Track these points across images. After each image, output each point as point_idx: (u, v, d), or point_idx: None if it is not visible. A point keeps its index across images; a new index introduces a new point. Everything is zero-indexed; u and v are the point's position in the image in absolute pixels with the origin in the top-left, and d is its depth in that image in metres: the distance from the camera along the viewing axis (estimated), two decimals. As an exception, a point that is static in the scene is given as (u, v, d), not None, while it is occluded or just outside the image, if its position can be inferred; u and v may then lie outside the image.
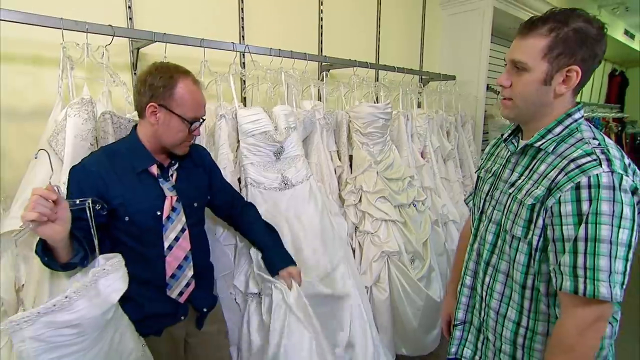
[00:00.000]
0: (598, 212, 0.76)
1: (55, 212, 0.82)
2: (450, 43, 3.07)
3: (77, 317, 0.80)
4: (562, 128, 0.89)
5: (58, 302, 0.77)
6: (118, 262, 0.93)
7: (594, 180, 0.77)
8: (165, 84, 1.03)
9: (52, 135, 1.14)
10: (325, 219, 1.53)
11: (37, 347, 0.76)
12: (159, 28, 1.43)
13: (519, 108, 0.93)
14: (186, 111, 1.06)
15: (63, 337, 0.79)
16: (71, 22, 1.18)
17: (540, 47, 0.85)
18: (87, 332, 0.83)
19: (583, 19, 0.83)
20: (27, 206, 0.78)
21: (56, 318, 0.77)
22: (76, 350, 0.82)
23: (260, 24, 1.97)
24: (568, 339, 0.81)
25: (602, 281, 0.75)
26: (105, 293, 0.87)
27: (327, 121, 1.86)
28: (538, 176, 0.88)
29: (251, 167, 1.49)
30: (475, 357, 1.07)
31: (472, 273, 1.08)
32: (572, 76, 0.85)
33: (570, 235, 0.79)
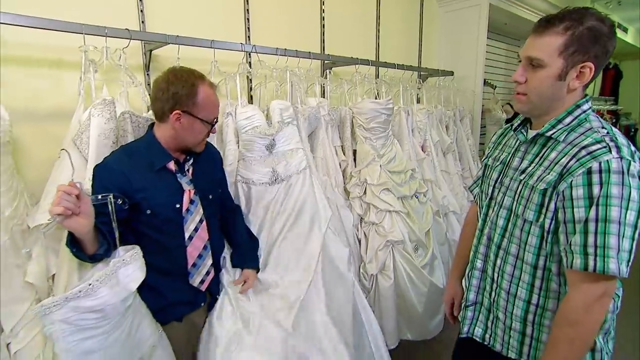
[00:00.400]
0: (608, 194, 0.82)
1: (78, 207, 0.88)
2: (447, 39, 3.14)
3: (100, 303, 0.87)
4: (571, 118, 0.94)
5: (83, 289, 0.85)
6: (136, 253, 1.00)
7: (605, 165, 0.83)
8: (188, 92, 1.10)
9: (77, 134, 1.21)
10: (305, 213, 1.56)
11: (65, 329, 0.83)
12: (168, 30, 1.49)
13: (532, 103, 0.98)
14: (208, 115, 1.14)
15: (87, 321, 0.86)
16: (92, 27, 1.25)
17: (557, 44, 0.90)
18: (108, 316, 0.90)
19: (596, 18, 0.89)
20: (53, 201, 0.85)
21: (81, 303, 0.84)
22: (99, 333, 0.89)
23: (265, 24, 2.03)
24: (575, 313, 0.86)
25: (612, 257, 0.81)
26: (124, 282, 0.94)
27: (331, 117, 1.93)
28: (549, 163, 0.93)
29: (242, 164, 1.56)
30: (486, 335, 1.12)
31: (483, 257, 1.13)
32: (586, 72, 0.91)
33: (581, 217, 0.84)
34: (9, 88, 1.34)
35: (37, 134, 1.41)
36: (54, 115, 1.44)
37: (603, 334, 0.97)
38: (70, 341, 0.84)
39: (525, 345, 1.03)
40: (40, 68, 1.41)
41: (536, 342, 1.01)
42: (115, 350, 0.92)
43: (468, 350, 1.20)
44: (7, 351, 1.07)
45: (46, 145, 1.39)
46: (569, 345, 0.88)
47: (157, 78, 1.15)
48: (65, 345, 0.84)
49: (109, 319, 0.90)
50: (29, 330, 1.10)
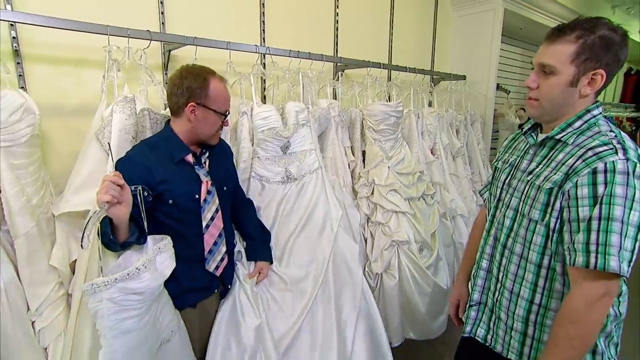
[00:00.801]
0: (612, 194, 0.84)
1: (121, 195, 0.95)
2: (461, 43, 3.15)
3: (142, 286, 0.95)
4: (581, 122, 0.97)
5: (130, 272, 0.93)
6: (169, 242, 1.08)
7: (610, 165, 0.85)
8: (201, 85, 1.18)
9: (100, 129, 1.29)
10: (318, 212, 1.62)
11: (110, 307, 0.90)
12: (187, 31, 1.57)
13: (544, 108, 1.01)
14: (220, 106, 1.22)
15: (129, 302, 0.93)
16: (115, 29, 1.32)
17: (569, 52, 0.93)
18: (146, 299, 0.97)
19: (608, 27, 0.92)
20: (100, 190, 0.91)
21: (128, 285, 0.92)
22: (136, 315, 0.96)
23: (279, 27, 2.09)
24: (577, 311, 0.88)
25: (613, 255, 0.82)
26: (160, 268, 1.02)
27: (342, 118, 1.97)
28: (556, 164, 0.96)
29: (257, 161, 1.62)
30: (488, 336, 1.15)
31: (489, 257, 1.16)
32: (597, 79, 0.94)
33: (585, 216, 0.86)
34: (38, 85, 1.43)
35: (63, 128, 1.50)
36: (78, 111, 1.53)
37: (604, 337, 0.98)
38: (113, 319, 0.91)
39: (526, 346, 1.04)
40: (66, 66, 1.50)
41: (537, 343, 1.03)
42: (145, 333, 0.99)
43: (470, 350, 1.22)
44: (32, 328, 1.15)
45: (71, 139, 1.47)
46: (569, 343, 0.89)
47: (172, 75, 1.23)
48: (109, 323, 0.91)
49: (145, 302, 0.98)
50: (52, 310, 1.19)
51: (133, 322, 0.94)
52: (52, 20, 1.23)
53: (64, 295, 1.23)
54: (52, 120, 1.47)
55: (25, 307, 1.14)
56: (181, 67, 1.24)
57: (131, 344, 0.94)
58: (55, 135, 1.48)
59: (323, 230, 1.62)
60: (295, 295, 1.50)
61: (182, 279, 1.22)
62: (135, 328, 0.95)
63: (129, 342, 0.94)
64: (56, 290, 1.20)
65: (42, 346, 1.17)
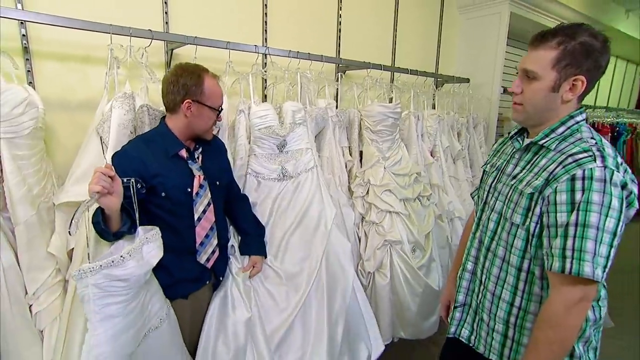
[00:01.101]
0: (589, 201, 0.85)
1: (112, 186, 1.00)
2: (467, 46, 3.14)
3: (127, 274, 0.99)
4: (564, 128, 0.98)
5: (115, 260, 0.97)
6: (156, 233, 1.12)
7: (588, 173, 0.87)
8: (196, 82, 1.23)
9: (99, 123, 1.34)
10: (311, 211, 1.66)
11: (96, 292, 0.95)
12: (191, 31, 1.62)
13: (528, 113, 1.03)
14: (214, 102, 1.27)
15: (114, 288, 0.98)
16: (118, 28, 1.38)
17: (550, 58, 0.95)
18: (131, 286, 1.01)
19: (589, 34, 0.93)
20: (91, 181, 0.96)
21: (112, 272, 0.96)
22: (122, 301, 1.00)
23: (282, 27, 2.14)
24: (555, 315, 0.90)
25: (587, 261, 0.84)
26: (146, 257, 1.06)
27: (339, 118, 2.00)
28: (538, 169, 0.98)
29: (254, 159, 1.66)
30: (471, 337, 1.17)
31: (474, 259, 1.18)
32: (578, 85, 0.95)
33: (563, 222, 0.88)
34: (45, 81, 1.50)
35: (68, 122, 1.57)
36: (83, 106, 1.60)
37: (583, 342, 0.99)
38: (98, 304, 0.96)
39: (506, 348, 1.06)
40: (73, 63, 1.57)
41: (517, 345, 1.04)
42: (131, 319, 1.03)
43: (455, 350, 1.24)
44: (30, 311, 1.22)
45: (75, 133, 1.54)
46: (549, 347, 0.91)
47: (166, 74, 1.28)
48: (94, 307, 0.96)
49: (130, 289, 1.02)
50: (48, 295, 1.25)
51: (118, 307, 0.99)
52: (58, 19, 1.29)
53: (61, 281, 1.29)
54: (58, 114, 1.54)
55: (23, 291, 1.20)
56: (175, 65, 1.29)
57: (116, 329, 0.98)
58: (61, 129, 1.55)
59: (317, 227, 1.65)
60: (289, 290, 1.54)
61: (174, 270, 1.26)
62: (120, 314, 0.99)
63: (114, 327, 0.98)
64: (53, 276, 1.26)
65: (39, 329, 1.23)
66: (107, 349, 0.97)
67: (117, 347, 0.99)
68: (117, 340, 0.98)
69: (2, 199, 1.20)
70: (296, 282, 1.55)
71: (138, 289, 1.06)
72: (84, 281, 0.93)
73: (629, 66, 6.33)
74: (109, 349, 0.97)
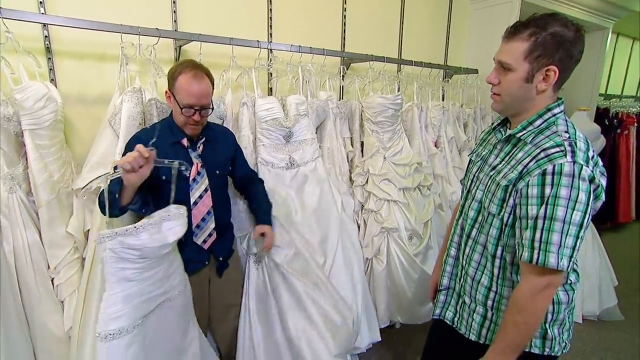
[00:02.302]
0: (557, 195, 0.90)
1: (141, 166, 1.09)
2: (476, 37, 3.11)
3: (139, 244, 1.08)
4: (541, 121, 1.02)
5: (129, 229, 1.07)
6: (182, 213, 1.20)
7: (558, 168, 0.90)
8: (173, 75, 1.32)
9: (112, 116, 1.48)
10: (325, 196, 1.75)
11: (112, 256, 1.06)
12: (200, 28, 1.72)
13: (505, 103, 1.06)
14: (181, 98, 1.32)
15: (129, 255, 1.08)
16: (127, 27, 1.50)
17: (522, 49, 0.98)
18: (145, 256, 1.11)
19: (560, 24, 0.95)
20: (127, 157, 1.06)
21: (126, 240, 1.06)
22: (136, 268, 1.10)
23: (287, 22, 2.21)
24: (522, 300, 0.96)
25: (553, 253, 0.90)
26: (165, 233, 1.15)
27: (340, 110, 2.07)
28: (515, 162, 1.02)
29: (263, 149, 1.76)
30: (455, 318, 1.23)
31: (457, 245, 1.24)
32: (551, 75, 0.98)
33: (533, 214, 0.93)
34: (65, 78, 1.65)
35: (86, 116, 1.71)
36: (99, 100, 1.73)
37: (558, 325, 1.05)
38: (113, 267, 1.07)
39: (484, 328, 1.13)
40: (90, 61, 1.70)
41: (494, 326, 1.10)
42: (146, 286, 1.14)
43: (439, 332, 1.31)
44: (52, 284, 1.37)
45: (92, 125, 1.67)
46: (516, 329, 0.98)
47: None
48: (110, 269, 1.07)
49: (146, 259, 1.11)
50: (68, 270, 1.40)
51: (133, 273, 1.09)
52: (75, 21, 1.43)
53: (79, 258, 1.44)
54: (76, 108, 1.69)
55: (46, 266, 1.36)
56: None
57: (130, 292, 1.09)
58: (79, 122, 1.70)
59: (331, 211, 1.78)
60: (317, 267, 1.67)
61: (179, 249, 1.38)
62: (135, 279, 1.10)
63: (128, 289, 1.09)
64: (72, 253, 1.41)
65: (60, 299, 1.38)
66: (121, 308, 1.08)
67: (130, 308, 1.09)
68: (130, 302, 1.09)
69: (27, 183, 1.35)
70: (318, 260, 1.67)
71: (155, 261, 1.14)
72: (103, 245, 1.04)
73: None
74: (122, 308, 1.08)
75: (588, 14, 3.45)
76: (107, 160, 1.45)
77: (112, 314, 1.07)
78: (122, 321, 1.08)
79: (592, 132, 2.76)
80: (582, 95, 3.98)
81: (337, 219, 1.74)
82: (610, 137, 4.30)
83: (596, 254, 2.61)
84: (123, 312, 1.08)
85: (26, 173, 1.36)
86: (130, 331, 1.09)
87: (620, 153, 4.56)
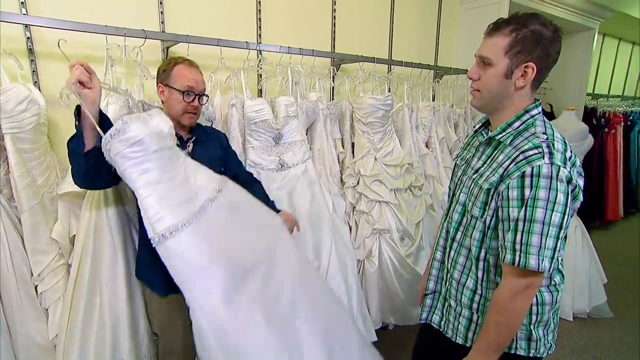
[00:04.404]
0: (536, 197, 0.90)
1: (91, 81, 1.05)
2: (467, 37, 3.13)
3: (136, 135, 0.99)
4: (520, 123, 1.02)
5: (118, 125, 0.99)
6: (157, 110, 1.13)
7: (536, 170, 0.91)
8: (166, 68, 1.35)
9: (97, 119, 1.44)
10: (316, 197, 1.74)
11: (124, 162, 1.01)
12: (188, 29, 1.69)
13: (484, 98, 1.06)
14: (180, 84, 1.33)
15: (136, 154, 1.01)
16: (113, 28, 1.47)
17: (503, 45, 0.99)
18: (150, 149, 1.02)
19: (540, 23, 0.96)
20: (71, 75, 1.02)
21: (123, 136, 0.99)
22: (153, 167, 1.03)
23: (276, 23, 2.19)
24: (503, 301, 0.97)
25: (533, 255, 0.90)
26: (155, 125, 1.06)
27: (330, 111, 2.06)
28: (496, 165, 1.02)
29: (252, 150, 1.74)
30: (441, 322, 1.23)
31: (442, 248, 1.24)
32: (529, 71, 0.98)
33: (514, 217, 0.94)
34: (49, 80, 1.61)
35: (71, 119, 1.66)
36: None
37: (543, 326, 1.05)
38: (133, 172, 1.02)
39: (470, 332, 1.12)
40: (74, 63, 1.67)
41: (479, 329, 1.09)
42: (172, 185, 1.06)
43: (426, 336, 1.31)
44: (35, 291, 1.34)
45: (77, 128, 1.65)
46: (497, 329, 0.99)
47: None
48: (133, 176, 1.02)
49: (153, 152, 1.03)
50: (52, 276, 1.37)
51: (154, 174, 1.03)
52: (57, 22, 1.39)
53: (64, 264, 1.41)
54: (62, 111, 1.64)
55: (29, 273, 1.32)
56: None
57: (162, 193, 1.03)
58: (64, 125, 1.65)
59: (323, 213, 1.76)
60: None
61: None
62: (160, 180, 1.04)
63: (158, 191, 1.03)
64: (56, 260, 1.38)
65: (44, 307, 1.35)
66: (158, 209, 1.01)
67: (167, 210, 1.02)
68: (166, 205, 1.02)
69: (9, 188, 1.32)
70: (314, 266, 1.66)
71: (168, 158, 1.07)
72: (110, 157, 1.01)
73: (646, 53, 6.12)
74: (160, 209, 1.01)
75: (574, 15, 3.50)
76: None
77: (153, 217, 1.01)
78: (167, 221, 1.01)
79: (580, 131, 2.79)
80: (570, 95, 4.04)
81: (329, 221, 1.73)
82: (598, 136, 4.36)
83: (586, 253, 2.64)
84: (163, 213, 1.02)
85: (8, 178, 1.32)
86: (182, 229, 1.02)
87: (608, 151, 4.64)
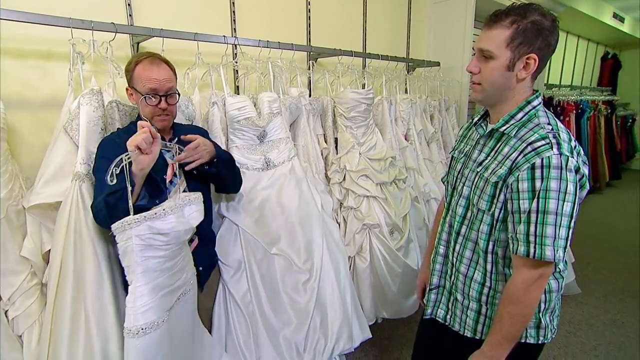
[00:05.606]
0: (548, 188, 0.91)
1: (150, 147, 1.03)
2: (436, 30, 3.19)
3: (168, 228, 1.03)
4: (522, 114, 1.02)
5: (157, 212, 1.02)
6: (199, 197, 1.18)
7: (546, 161, 0.91)
8: (130, 69, 1.25)
9: (67, 122, 1.30)
10: (304, 196, 1.69)
11: (139, 243, 0.99)
12: (157, 23, 1.57)
13: (486, 91, 1.06)
14: (142, 86, 1.24)
15: (155, 242, 1.02)
16: (78, 21, 1.34)
17: (504, 37, 0.98)
18: (171, 242, 1.05)
19: (539, 13, 0.97)
20: (135, 137, 1.00)
21: (154, 224, 1.01)
22: (161, 256, 1.05)
23: (250, 16, 2.11)
24: (517, 292, 0.97)
25: (548, 245, 0.91)
26: (188, 217, 1.12)
27: (313, 106, 2.01)
28: (502, 157, 1.01)
29: (236, 150, 1.66)
30: (447, 316, 1.22)
31: (445, 243, 1.23)
32: (531, 63, 0.99)
33: (525, 208, 0.94)
34: (6, 79, 1.44)
35: (31, 121, 1.51)
36: (46, 104, 1.54)
37: (549, 313, 1.07)
38: (139, 256, 1.01)
39: (480, 324, 1.13)
40: (32, 60, 1.50)
41: (489, 321, 1.11)
42: (166, 277, 1.08)
43: (430, 330, 1.30)
44: (6, 317, 1.19)
45: (40, 132, 1.49)
46: (511, 320, 0.99)
47: None
48: (137, 258, 1.01)
49: (170, 245, 1.06)
50: (25, 299, 1.22)
51: (157, 262, 1.04)
52: (12, 14, 1.23)
53: (37, 285, 1.26)
54: (20, 113, 1.48)
55: (-2, 297, 1.17)
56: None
57: (155, 283, 1.04)
58: (24, 129, 1.49)
59: (312, 212, 1.71)
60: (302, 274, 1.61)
61: None
62: (158, 269, 1.05)
63: (154, 280, 1.04)
64: (28, 280, 1.23)
65: (17, 334, 1.21)
66: (148, 300, 1.02)
67: (157, 300, 1.04)
68: (157, 294, 1.04)
69: (-33, 204, 1.16)
70: (307, 267, 1.62)
71: (175, 250, 1.09)
72: (127, 233, 0.98)
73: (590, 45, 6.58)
74: (150, 300, 1.03)
75: (533, 9, 3.66)
76: (65, 172, 1.28)
77: (140, 307, 1.01)
78: (151, 314, 1.03)
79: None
80: (530, 85, 4.23)
81: (319, 219, 1.69)
82: (555, 123, 4.62)
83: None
84: (151, 305, 1.03)
85: (-35, 192, 1.17)
86: (160, 325, 1.04)
87: (564, 138, 4.94)
